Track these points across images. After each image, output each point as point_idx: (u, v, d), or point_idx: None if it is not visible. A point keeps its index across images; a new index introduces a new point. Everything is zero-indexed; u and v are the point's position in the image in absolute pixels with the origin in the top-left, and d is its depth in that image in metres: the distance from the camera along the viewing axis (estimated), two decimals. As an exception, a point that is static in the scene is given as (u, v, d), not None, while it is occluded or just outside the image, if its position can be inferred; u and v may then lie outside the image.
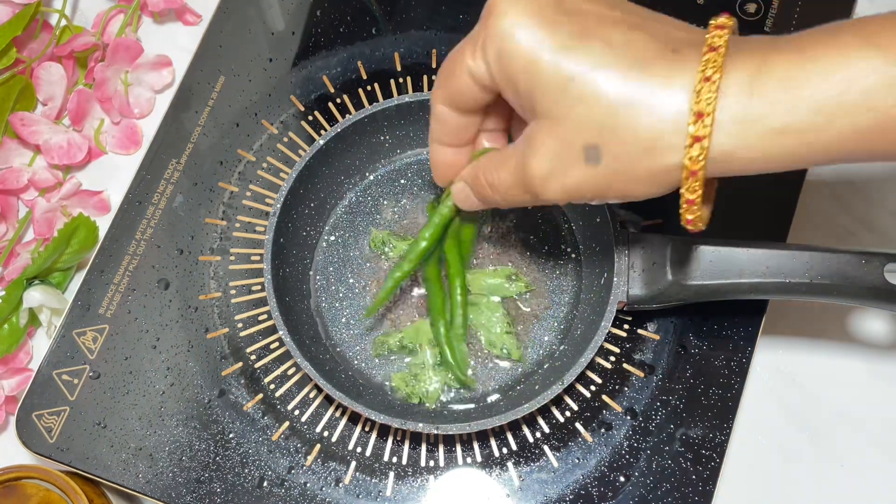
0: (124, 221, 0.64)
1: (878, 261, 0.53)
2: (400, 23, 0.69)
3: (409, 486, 0.58)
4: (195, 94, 0.67)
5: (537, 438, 0.58)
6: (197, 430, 0.59)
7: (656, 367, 0.60)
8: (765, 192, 0.63)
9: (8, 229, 0.67)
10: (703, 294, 0.55)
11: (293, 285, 0.60)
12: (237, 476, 0.58)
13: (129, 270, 0.63)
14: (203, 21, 0.72)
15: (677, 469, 0.57)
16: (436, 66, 0.67)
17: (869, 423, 0.62)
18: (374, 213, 0.63)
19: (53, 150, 0.67)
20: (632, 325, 0.61)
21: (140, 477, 0.58)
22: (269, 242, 0.58)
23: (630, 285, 0.56)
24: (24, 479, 0.56)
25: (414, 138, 0.63)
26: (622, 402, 0.59)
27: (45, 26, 0.71)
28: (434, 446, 0.58)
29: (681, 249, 0.56)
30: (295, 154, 0.65)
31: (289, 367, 0.60)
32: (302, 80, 0.67)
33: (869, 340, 0.64)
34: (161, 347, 0.61)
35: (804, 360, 0.64)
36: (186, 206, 0.64)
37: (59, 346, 0.61)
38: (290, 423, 0.59)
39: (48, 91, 0.68)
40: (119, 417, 0.59)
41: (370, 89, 0.67)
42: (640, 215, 0.63)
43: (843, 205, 0.68)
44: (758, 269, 0.54)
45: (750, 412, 0.61)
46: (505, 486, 0.57)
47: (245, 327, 0.61)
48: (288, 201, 0.59)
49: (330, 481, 0.58)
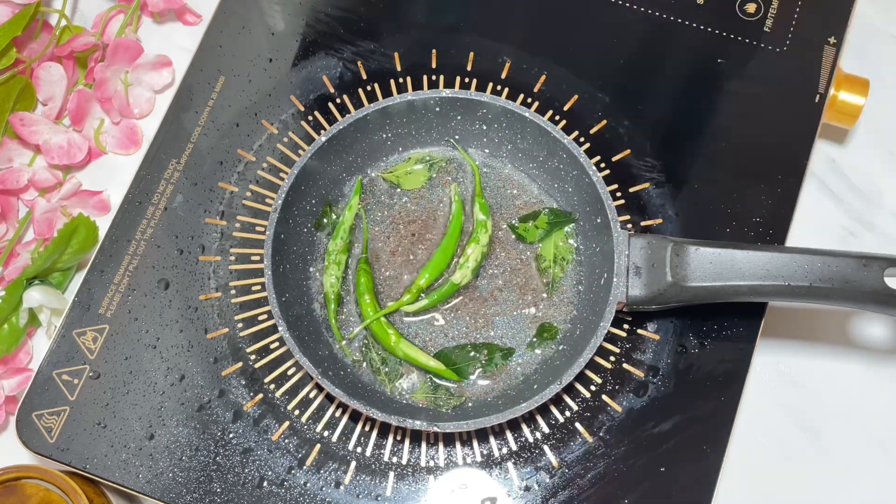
0: (124, 221, 0.64)
1: (879, 265, 0.53)
2: (400, 23, 0.69)
3: (409, 486, 0.58)
4: (195, 94, 0.67)
5: (537, 438, 0.58)
6: (197, 430, 0.59)
7: (656, 367, 0.60)
8: (765, 192, 0.63)
9: (8, 229, 0.67)
10: (703, 296, 0.55)
11: (293, 284, 0.60)
12: (237, 476, 0.58)
13: (129, 270, 0.63)
14: (203, 21, 0.72)
15: (677, 469, 0.57)
16: (436, 65, 0.67)
17: (869, 423, 0.62)
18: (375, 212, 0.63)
19: (53, 150, 0.67)
20: (631, 326, 0.61)
21: (140, 477, 0.58)
22: (270, 240, 0.58)
23: (629, 286, 0.56)
24: (24, 479, 0.56)
25: (415, 136, 0.64)
26: (622, 402, 0.59)
27: (45, 26, 0.71)
28: (434, 446, 0.58)
29: (681, 251, 0.56)
30: (295, 154, 0.65)
31: (289, 366, 0.60)
32: (302, 80, 0.67)
33: (868, 343, 0.64)
34: (161, 347, 0.61)
35: (804, 360, 0.64)
36: (186, 206, 0.64)
37: (59, 346, 0.61)
38: (290, 423, 0.59)
39: (48, 91, 0.68)
40: (119, 417, 0.59)
41: (370, 89, 0.67)
42: (641, 216, 0.63)
43: (843, 205, 0.68)
44: (757, 272, 0.54)
45: (750, 412, 0.61)
46: (505, 486, 0.57)
47: (245, 327, 0.61)
48: (289, 199, 0.59)
49: (330, 481, 0.58)
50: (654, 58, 0.68)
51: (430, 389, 0.58)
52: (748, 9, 0.68)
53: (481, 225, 0.61)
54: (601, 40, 0.68)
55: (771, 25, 0.67)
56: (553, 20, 0.68)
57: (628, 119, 0.65)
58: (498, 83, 0.67)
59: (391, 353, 0.59)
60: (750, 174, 0.64)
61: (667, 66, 0.67)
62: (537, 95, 0.66)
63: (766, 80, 0.66)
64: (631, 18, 0.68)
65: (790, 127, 0.65)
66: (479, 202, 0.62)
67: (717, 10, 0.68)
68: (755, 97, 0.66)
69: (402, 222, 0.63)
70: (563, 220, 0.61)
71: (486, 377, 0.59)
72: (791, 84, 0.66)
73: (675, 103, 0.66)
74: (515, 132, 0.62)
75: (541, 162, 0.62)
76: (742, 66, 0.67)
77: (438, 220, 0.63)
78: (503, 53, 0.67)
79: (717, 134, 0.65)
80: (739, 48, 0.67)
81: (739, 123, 0.65)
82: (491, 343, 0.59)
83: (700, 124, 0.65)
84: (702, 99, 0.66)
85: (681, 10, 0.68)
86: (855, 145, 0.69)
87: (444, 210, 0.63)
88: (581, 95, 0.66)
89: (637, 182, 0.64)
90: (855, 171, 0.69)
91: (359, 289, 0.60)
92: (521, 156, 0.63)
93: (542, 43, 0.68)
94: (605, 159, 0.64)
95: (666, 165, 0.64)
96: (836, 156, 0.69)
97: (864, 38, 0.70)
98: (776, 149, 0.64)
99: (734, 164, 0.64)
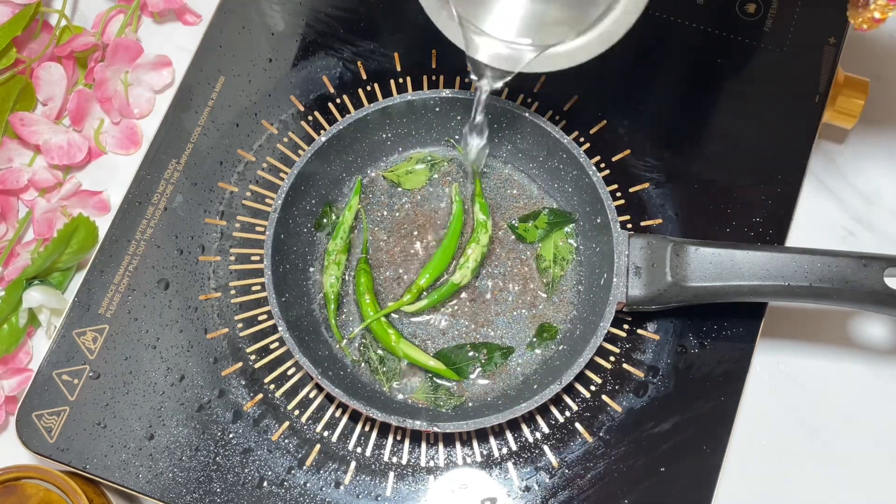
0: (124, 221, 0.64)
1: (878, 265, 0.53)
2: (400, 23, 0.69)
3: (409, 486, 0.58)
4: (195, 94, 0.67)
5: (537, 438, 0.58)
6: (197, 430, 0.59)
7: (656, 367, 0.60)
8: (765, 192, 0.63)
9: (8, 229, 0.67)
10: (703, 296, 0.55)
11: (293, 284, 0.60)
12: (237, 476, 0.58)
13: (129, 270, 0.63)
14: (203, 21, 0.72)
15: (677, 468, 0.57)
16: (436, 66, 0.67)
17: (869, 423, 0.62)
18: (375, 212, 0.63)
19: (53, 150, 0.67)
20: (631, 326, 0.61)
21: (140, 477, 0.58)
22: (270, 240, 0.58)
23: (629, 286, 0.56)
24: (24, 479, 0.56)
25: (416, 136, 0.63)
26: (622, 402, 0.59)
27: (45, 26, 0.71)
28: (434, 446, 0.58)
29: (680, 251, 0.56)
30: (294, 154, 0.65)
31: (289, 366, 0.60)
32: (302, 80, 0.67)
33: (868, 343, 0.64)
34: (161, 347, 0.61)
35: (804, 360, 0.64)
36: (186, 206, 0.64)
37: (58, 346, 0.61)
38: (290, 423, 0.59)
39: (48, 91, 0.68)
40: (119, 417, 0.59)
41: (370, 89, 0.67)
42: (641, 216, 0.63)
43: (843, 205, 0.68)
44: (757, 272, 0.54)
45: (750, 412, 0.61)
46: (505, 486, 0.57)
47: (245, 327, 0.61)
48: (289, 199, 0.59)
49: (330, 481, 0.58)
50: (654, 58, 0.68)
51: (430, 389, 0.58)
52: (748, 9, 0.68)
53: (481, 225, 0.61)
54: (601, 40, 0.68)
55: (771, 25, 0.67)
56: (553, 20, 0.68)
57: (628, 119, 0.65)
58: (498, 83, 0.67)
59: (391, 352, 0.59)
60: (750, 174, 0.64)
61: (667, 66, 0.67)
62: (537, 95, 0.66)
63: (766, 81, 0.66)
64: (631, 18, 0.68)
65: (790, 127, 0.65)
66: (479, 202, 0.62)
67: (717, 10, 0.68)
68: (755, 97, 0.66)
69: (403, 222, 0.63)
70: (564, 220, 0.61)
71: (486, 377, 0.59)
72: (791, 84, 0.66)
73: (675, 103, 0.66)
74: (515, 132, 0.62)
75: (541, 162, 0.62)
76: (742, 66, 0.67)
77: (438, 219, 0.63)
78: (503, 53, 0.67)
79: (717, 134, 0.65)
80: (739, 48, 0.67)
81: (739, 123, 0.65)
82: (490, 343, 0.59)
83: (700, 124, 0.65)
84: (702, 99, 0.66)
85: (681, 10, 0.68)
86: (855, 145, 0.69)
87: (444, 210, 0.63)
88: (581, 95, 0.66)
89: (637, 182, 0.64)
90: (855, 171, 0.69)
91: (359, 289, 0.60)
92: (521, 156, 0.63)
93: (542, 43, 0.68)
94: (605, 159, 0.64)
95: (666, 165, 0.64)
96: (836, 156, 0.69)
97: (864, 38, 0.70)
98: (776, 148, 0.64)
99: (734, 164, 0.64)
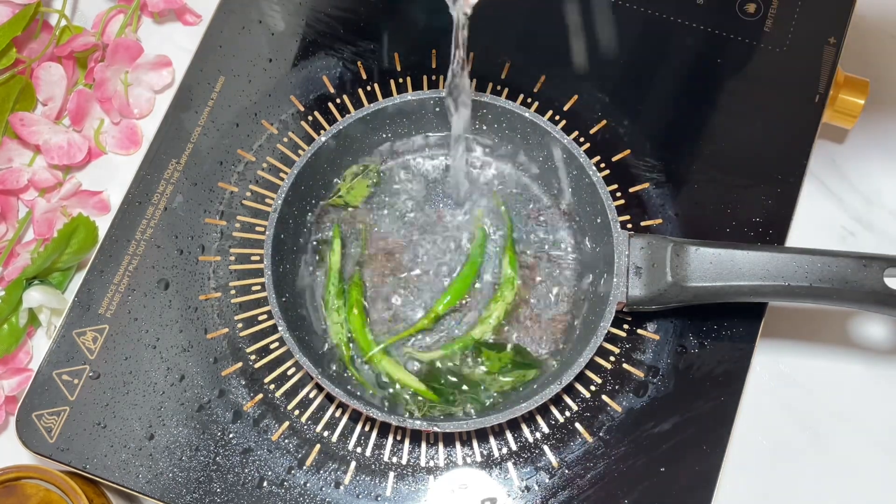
0: (124, 221, 0.64)
1: (878, 265, 0.53)
2: (400, 23, 0.69)
3: (409, 486, 0.58)
4: (195, 94, 0.67)
5: (537, 438, 0.58)
6: (197, 431, 0.59)
7: (656, 367, 0.60)
8: (765, 192, 0.63)
9: (8, 229, 0.67)
10: (703, 296, 0.55)
11: (293, 283, 0.60)
12: (237, 476, 0.58)
13: (129, 270, 0.63)
14: (203, 21, 0.72)
15: (677, 468, 0.57)
16: (436, 65, 0.67)
17: (869, 423, 0.62)
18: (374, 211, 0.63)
19: (53, 150, 0.67)
20: (631, 326, 0.61)
21: (140, 477, 0.58)
22: (270, 240, 0.58)
23: (629, 286, 0.56)
24: (24, 479, 0.56)
25: (415, 136, 0.63)
26: (622, 402, 0.59)
27: (45, 26, 0.71)
28: (434, 446, 0.58)
29: (681, 251, 0.56)
30: (294, 154, 0.65)
31: (289, 366, 0.60)
32: (302, 80, 0.67)
33: (868, 343, 0.64)
34: (161, 347, 0.61)
35: (804, 360, 0.64)
36: (186, 206, 0.64)
37: (58, 346, 0.61)
38: (290, 423, 0.59)
39: (48, 91, 0.68)
40: (119, 417, 0.59)
41: (370, 89, 0.67)
42: (641, 216, 0.63)
43: (843, 205, 0.68)
44: (757, 272, 0.54)
45: (750, 412, 0.61)
46: (505, 486, 0.57)
47: (245, 327, 0.61)
48: (289, 199, 0.59)
49: (330, 481, 0.58)
50: (654, 58, 0.68)
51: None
52: (748, 9, 0.68)
53: (509, 282, 0.60)
54: (601, 40, 0.68)
55: (771, 25, 0.67)
56: (553, 20, 0.68)
57: (628, 119, 0.65)
58: (498, 83, 0.67)
59: (370, 363, 0.59)
60: (750, 174, 0.64)
61: (667, 66, 0.67)
62: (537, 95, 0.66)
63: (766, 80, 0.66)
64: (631, 18, 0.68)
65: (790, 127, 0.65)
66: (509, 255, 0.60)
67: (717, 10, 0.68)
68: (755, 97, 0.66)
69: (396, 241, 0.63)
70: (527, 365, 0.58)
71: None
72: (791, 84, 0.66)
73: (675, 103, 0.66)
74: (515, 132, 0.62)
75: (541, 162, 0.62)
76: (742, 66, 0.67)
77: (440, 243, 0.62)
78: (503, 53, 0.67)
79: (717, 134, 0.65)
80: (739, 48, 0.67)
81: (739, 123, 0.65)
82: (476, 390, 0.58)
83: (700, 124, 0.65)
84: (702, 99, 0.66)
85: (681, 10, 0.68)
86: (855, 145, 0.69)
87: (450, 235, 0.62)
88: (581, 95, 0.66)
89: (637, 182, 0.64)
90: (855, 171, 0.69)
91: (350, 301, 0.60)
92: (522, 156, 0.63)
93: (542, 43, 0.68)
94: (605, 159, 0.64)
95: (666, 165, 0.64)
96: (836, 156, 0.69)
97: (864, 38, 0.70)
98: (776, 148, 0.64)
99: (734, 164, 0.64)
